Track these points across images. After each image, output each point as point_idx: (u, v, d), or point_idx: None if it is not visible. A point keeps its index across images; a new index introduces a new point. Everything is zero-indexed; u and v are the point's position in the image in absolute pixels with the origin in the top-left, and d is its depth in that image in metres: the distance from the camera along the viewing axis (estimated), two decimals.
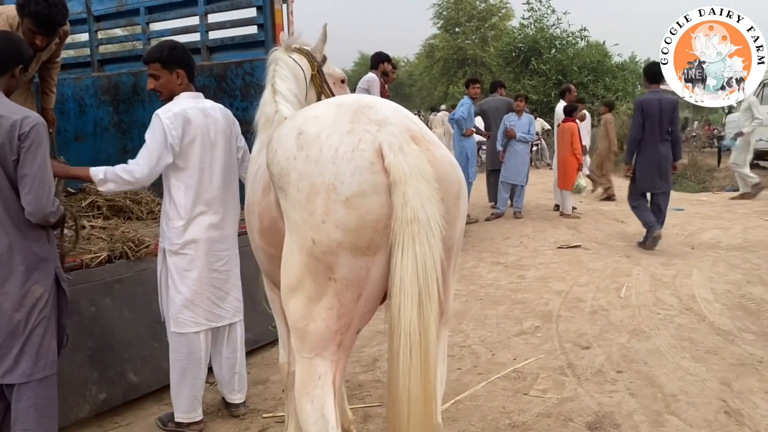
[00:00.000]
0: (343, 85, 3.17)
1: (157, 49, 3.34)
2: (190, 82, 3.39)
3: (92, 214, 4.77)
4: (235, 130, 3.52)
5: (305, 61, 2.97)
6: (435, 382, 1.87)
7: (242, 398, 3.65)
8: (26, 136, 2.54)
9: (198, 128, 3.26)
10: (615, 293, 5.74)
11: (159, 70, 3.30)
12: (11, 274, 2.63)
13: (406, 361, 1.78)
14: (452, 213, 1.94)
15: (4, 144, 2.52)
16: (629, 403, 3.61)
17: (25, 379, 2.68)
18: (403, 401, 1.80)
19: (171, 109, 3.23)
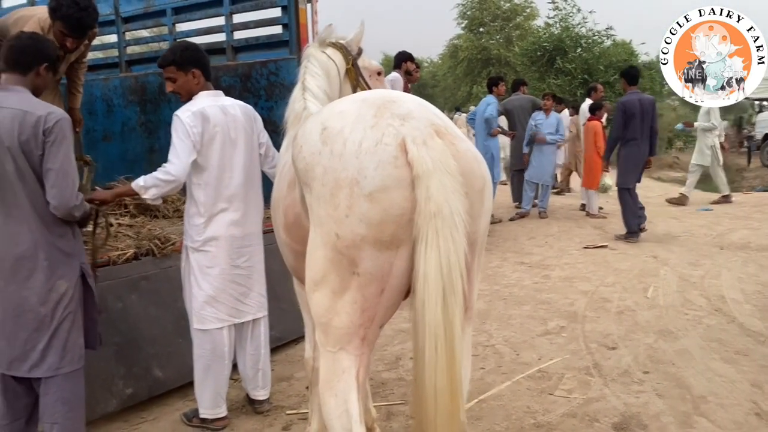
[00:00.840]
0: (379, 77, 3.15)
1: (171, 52, 3.38)
2: (207, 80, 3.41)
3: (119, 213, 4.83)
4: (256, 126, 3.54)
5: (339, 55, 2.97)
6: (460, 377, 1.86)
7: (266, 395, 3.67)
8: (50, 131, 2.58)
9: (217, 126, 3.28)
10: (642, 293, 5.66)
11: (175, 73, 3.33)
12: (36, 269, 2.66)
13: (431, 356, 1.78)
14: (476, 208, 1.93)
15: (29, 139, 2.56)
16: (657, 404, 3.55)
17: (51, 373, 2.72)
18: (430, 397, 1.80)
19: (189, 108, 3.26)
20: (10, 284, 2.66)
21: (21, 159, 2.58)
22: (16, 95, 2.63)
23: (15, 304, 2.67)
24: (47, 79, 2.81)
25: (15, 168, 2.58)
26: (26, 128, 2.55)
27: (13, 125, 2.55)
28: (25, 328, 2.68)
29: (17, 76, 2.70)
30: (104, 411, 3.47)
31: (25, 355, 2.69)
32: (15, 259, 2.65)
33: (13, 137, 2.55)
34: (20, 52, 2.70)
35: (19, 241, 2.65)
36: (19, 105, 2.59)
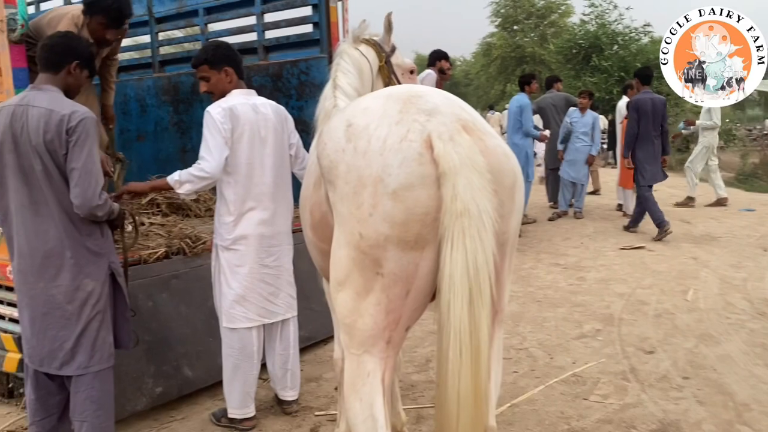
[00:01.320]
0: (412, 75, 3.10)
1: (203, 51, 3.40)
2: (240, 78, 3.41)
3: (152, 212, 4.87)
4: (288, 126, 3.52)
5: (372, 52, 2.92)
6: (486, 383, 1.79)
7: (295, 395, 3.64)
8: (73, 130, 2.57)
9: (246, 124, 3.27)
10: (681, 296, 5.48)
11: (208, 71, 3.34)
12: (63, 267, 2.66)
13: (455, 360, 1.71)
14: (506, 206, 1.85)
15: (53, 139, 2.56)
16: (697, 411, 3.42)
17: (81, 371, 2.72)
18: (452, 402, 1.73)
19: (220, 105, 3.26)
20: (39, 281, 2.68)
21: (47, 158, 2.59)
22: (47, 94, 2.65)
23: (43, 301, 2.69)
24: (80, 78, 2.81)
25: (42, 167, 2.59)
26: (51, 127, 2.56)
27: (39, 124, 2.56)
28: (53, 325, 2.69)
29: (49, 75, 2.71)
30: (134, 409, 3.48)
31: (54, 353, 2.71)
32: (43, 256, 2.66)
33: (39, 136, 2.56)
34: (51, 51, 2.71)
35: (47, 239, 2.66)
36: (47, 104, 2.60)
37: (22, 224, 2.68)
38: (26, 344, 2.79)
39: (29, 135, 2.57)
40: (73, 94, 2.83)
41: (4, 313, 3.56)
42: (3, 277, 3.47)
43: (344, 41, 2.98)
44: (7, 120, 2.61)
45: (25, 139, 2.59)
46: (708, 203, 10.27)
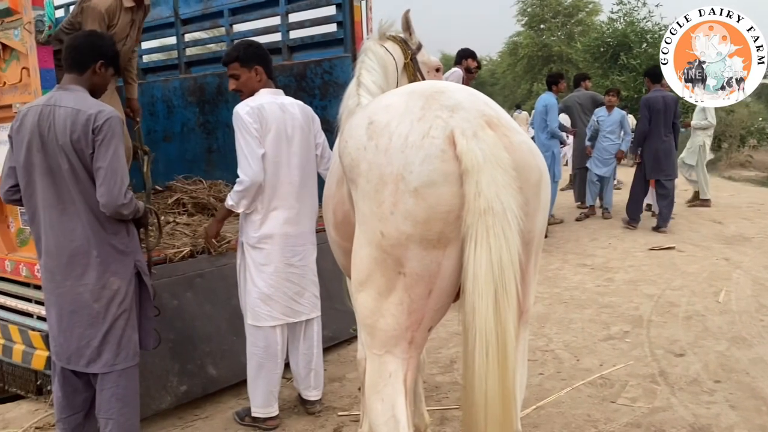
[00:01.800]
0: (438, 73, 3.07)
1: (234, 49, 3.43)
2: (269, 78, 3.42)
3: (177, 211, 4.90)
4: (314, 126, 3.53)
5: (398, 49, 2.90)
6: (514, 384, 1.74)
7: (318, 395, 3.63)
8: (100, 129, 2.59)
9: (274, 123, 3.28)
10: (712, 298, 5.36)
11: (238, 69, 3.36)
12: (89, 266, 2.68)
13: (482, 362, 1.67)
14: (532, 204, 1.80)
15: (80, 138, 2.58)
16: (729, 416, 3.33)
17: (107, 369, 2.75)
18: (480, 405, 1.69)
19: (248, 104, 3.28)
20: (67, 280, 2.71)
21: (74, 157, 2.61)
22: (73, 94, 2.67)
23: (70, 300, 2.71)
24: (106, 77, 2.83)
25: (69, 166, 2.62)
26: (78, 127, 2.58)
27: (66, 123, 2.59)
28: (80, 324, 2.72)
29: (75, 75, 2.74)
30: (159, 407, 3.50)
31: (81, 351, 2.73)
32: (70, 255, 2.69)
33: (66, 135, 2.58)
34: (76, 51, 2.73)
35: (74, 237, 2.68)
36: (74, 104, 2.62)
37: (49, 223, 2.70)
38: (53, 342, 2.82)
39: (56, 134, 2.60)
40: (99, 93, 2.85)
41: (32, 311, 3.61)
42: (31, 275, 3.52)
43: (369, 38, 2.96)
44: (35, 120, 2.64)
45: (52, 139, 2.62)
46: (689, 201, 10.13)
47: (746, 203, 10.32)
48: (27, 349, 3.61)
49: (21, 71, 3.36)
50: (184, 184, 5.33)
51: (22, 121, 2.69)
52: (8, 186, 2.81)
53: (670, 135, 8.28)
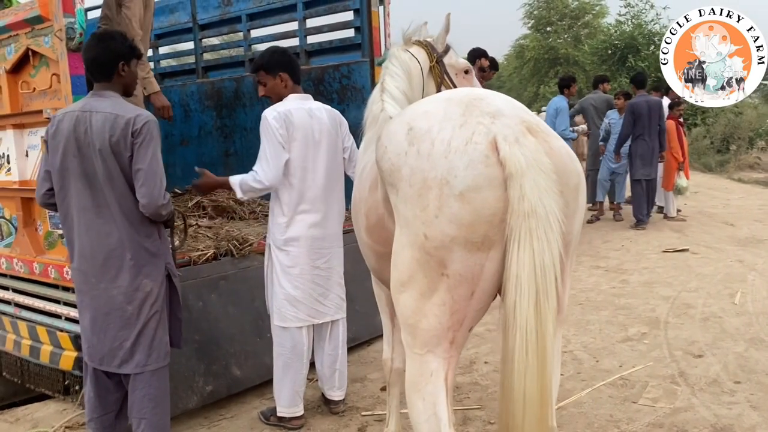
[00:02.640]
0: (467, 75, 3.08)
1: (260, 57, 3.51)
2: (296, 83, 3.48)
3: (198, 214, 4.96)
4: (342, 130, 3.58)
5: (423, 53, 2.93)
6: (551, 382, 1.80)
7: (342, 395, 3.67)
8: (139, 132, 2.65)
9: (301, 128, 3.33)
10: (728, 299, 5.38)
11: (264, 77, 3.43)
12: (123, 268, 2.74)
13: (521, 360, 1.73)
14: (571, 206, 1.87)
15: (119, 141, 2.64)
16: (751, 417, 3.36)
17: (139, 370, 2.79)
18: (519, 402, 1.75)
19: (276, 109, 3.33)
20: (101, 282, 2.76)
21: (111, 160, 2.66)
22: (108, 100, 2.73)
23: (104, 301, 2.76)
24: (133, 72, 2.86)
25: (105, 169, 2.67)
26: (117, 130, 2.64)
27: (104, 128, 2.64)
28: (114, 325, 2.77)
29: (104, 83, 2.79)
30: (185, 407, 3.55)
31: (114, 352, 2.78)
32: (104, 258, 2.74)
33: (104, 139, 2.64)
34: (94, 63, 2.78)
35: (109, 240, 2.73)
36: (111, 109, 2.68)
37: (84, 226, 2.76)
38: (86, 343, 2.87)
39: (93, 139, 2.66)
40: (133, 88, 2.92)
41: (61, 312, 3.66)
42: (60, 277, 3.58)
43: (395, 44, 3.00)
44: (71, 125, 2.70)
45: (88, 143, 2.67)
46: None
47: (757, 205, 10.33)
48: (55, 350, 3.66)
49: (51, 77, 3.42)
50: None
51: (58, 127, 2.75)
52: (44, 189, 2.86)
53: (655, 137, 8.61)
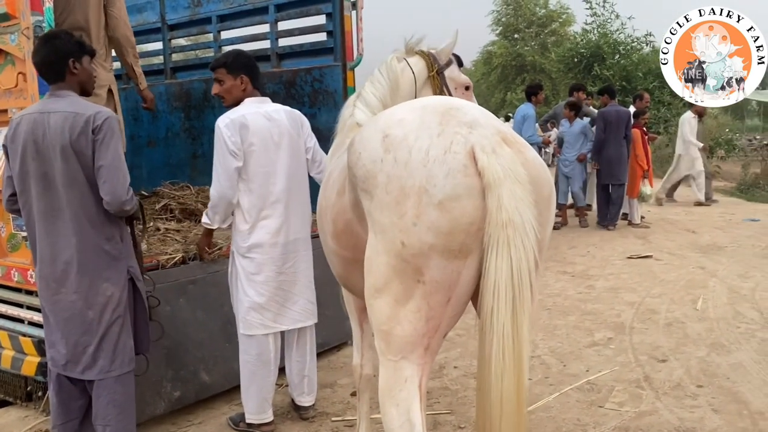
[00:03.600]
0: (467, 92, 3.09)
1: (223, 56, 3.48)
2: (255, 88, 3.43)
3: (166, 217, 4.89)
4: (303, 131, 3.54)
5: (422, 63, 2.94)
6: (527, 385, 1.84)
7: (311, 401, 3.66)
8: (99, 129, 2.62)
9: (258, 132, 3.28)
10: (691, 305, 5.51)
11: (224, 75, 3.37)
12: (83, 273, 2.69)
13: (498, 364, 1.76)
14: (544, 216, 1.91)
15: (80, 139, 2.61)
16: (713, 420, 3.44)
17: (102, 376, 2.75)
18: (496, 404, 1.78)
19: (229, 116, 3.28)
20: (62, 287, 2.71)
21: (73, 160, 2.62)
22: (66, 99, 2.70)
23: (65, 307, 2.72)
24: (86, 69, 2.81)
25: (66, 170, 2.63)
26: (77, 129, 2.61)
27: (64, 127, 2.60)
28: (75, 331, 2.72)
29: (58, 83, 2.75)
30: (153, 413, 3.50)
31: (76, 358, 2.74)
32: (64, 262, 2.69)
33: (64, 139, 2.60)
34: (44, 65, 2.74)
35: (68, 245, 2.69)
36: (69, 108, 2.66)
37: (44, 230, 2.70)
38: (50, 348, 2.82)
39: (52, 140, 2.61)
40: (90, 86, 2.87)
41: (24, 316, 3.58)
42: (23, 280, 3.49)
43: (395, 52, 2.99)
44: (29, 128, 2.65)
45: (47, 145, 2.63)
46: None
47: (718, 213, 10.60)
48: (17, 355, 3.56)
49: (17, 76, 3.34)
50: (172, 190, 5.31)
51: (16, 130, 2.70)
52: (8, 195, 2.81)
53: (623, 144, 9.00)
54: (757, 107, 26.40)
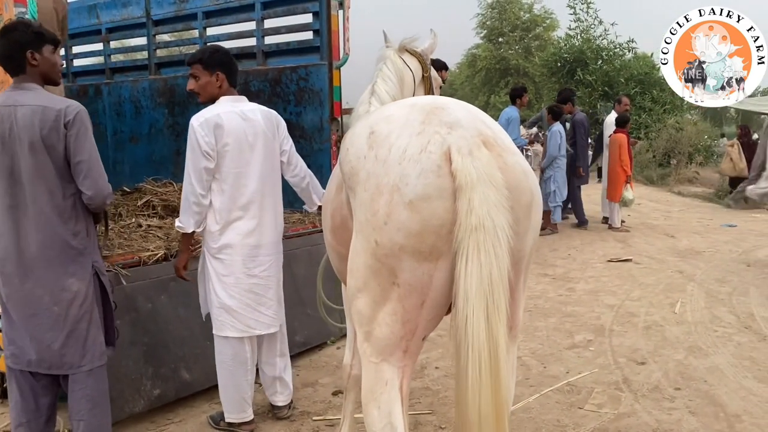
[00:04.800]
0: (439, 90, 3.15)
1: (200, 51, 3.41)
2: (231, 86, 3.37)
3: (148, 214, 4.85)
4: (279, 132, 3.48)
5: (416, 62, 2.94)
6: (506, 399, 1.78)
7: (286, 400, 3.59)
8: (72, 123, 2.59)
9: (231, 133, 3.21)
10: (669, 309, 5.58)
11: (200, 71, 3.31)
12: (48, 268, 2.65)
13: (475, 378, 1.68)
14: (522, 224, 1.84)
15: (51, 134, 2.56)
16: (690, 422, 3.49)
17: (72, 371, 2.72)
18: (474, 423, 1.70)
19: (203, 115, 3.23)
20: (25, 282, 2.66)
21: (43, 154, 2.57)
22: (32, 92, 2.64)
23: (30, 302, 2.67)
24: (47, 59, 2.71)
25: (34, 165, 2.57)
26: (47, 123, 2.56)
27: (33, 121, 2.55)
28: (41, 327, 2.68)
29: (21, 76, 2.69)
30: (132, 411, 3.46)
31: (42, 354, 2.70)
32: (29, 258, 2.64)
33: (34, 132, 2.55)
34: (3, 59, 2.69)
35: (33, 240, 2.64)
36: (37, 101, 2.60)
37: (9, 225, 2.64)
38: (11, 345, 2.75)
39: (20, 134, 2.56)
40: (54, 75, 2.79)
41: None
42: None
43: (390, 47, 2.97)
44: None
45: (14, 139, 2.57)
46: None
47: (696, 218, 10.75)
48: None
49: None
50: (154, 186, 5.27)
51: None
52: None
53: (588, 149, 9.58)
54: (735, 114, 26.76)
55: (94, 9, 6.55)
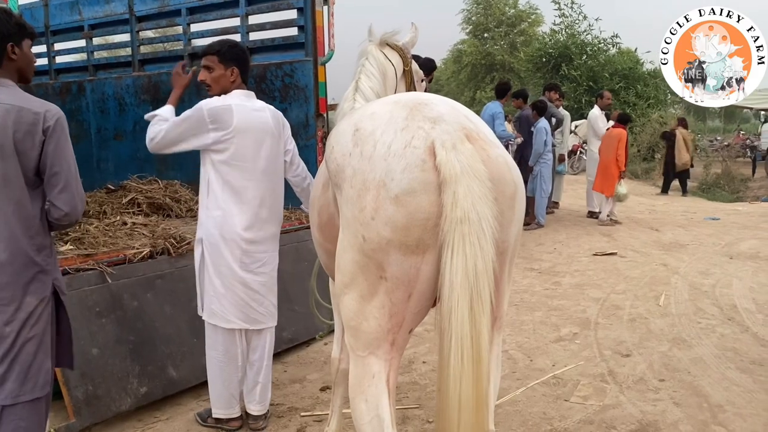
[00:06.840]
0: (422, 84, 3.14)
1: (218, 43, 3.35)
2: (243, 82, 3.37)
3: (133, 211, 4.83)
4: (284, 132, 3.50)
5: (397, 57, 2.94)
6: (487, 388, 1.82)
7: (262, 410, 3.48)
8: (52, 130, 2.34)
9: (241, 125, 3.20)
10: (654, 301, 5.64)
11: (215, 63, 3.27)
12: (8, 286, 2.37)
13: (457, 366, 1.73)
14: (506, 216, 1.88)
15: (25, 138, 2.29)
16: (674, 413, 3.53)
17: (10, 401, 2.39)
18: (454, 408, 1.74)
19: (216, 102, 3.21)
20: None
21: (12, 160, 2.30)
22: (6, 90, 2.36)
23: None
24: (25, 54, 2.47)
25: (2, 169, 2.30)
26: (22, 126, 2.29)
27: (7, 122, 2.28)
28: None
29: None
30: (119, 409, 3.44)
31: None
32: None
33: (7, 136, 2.28)
34: None
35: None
36: (11, 100, 2.32)
37: None
38: None
39: None
40: (29, 73, 2.53)
41: None
42: None
43: (371, 42, 2.96)
44: None
45: None
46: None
47: (680, 212, 10.85)
48: None
49: None
50: (139, 184, 5.24)
51: None
52: None
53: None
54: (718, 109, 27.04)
55: (77, 5, 6.49)
